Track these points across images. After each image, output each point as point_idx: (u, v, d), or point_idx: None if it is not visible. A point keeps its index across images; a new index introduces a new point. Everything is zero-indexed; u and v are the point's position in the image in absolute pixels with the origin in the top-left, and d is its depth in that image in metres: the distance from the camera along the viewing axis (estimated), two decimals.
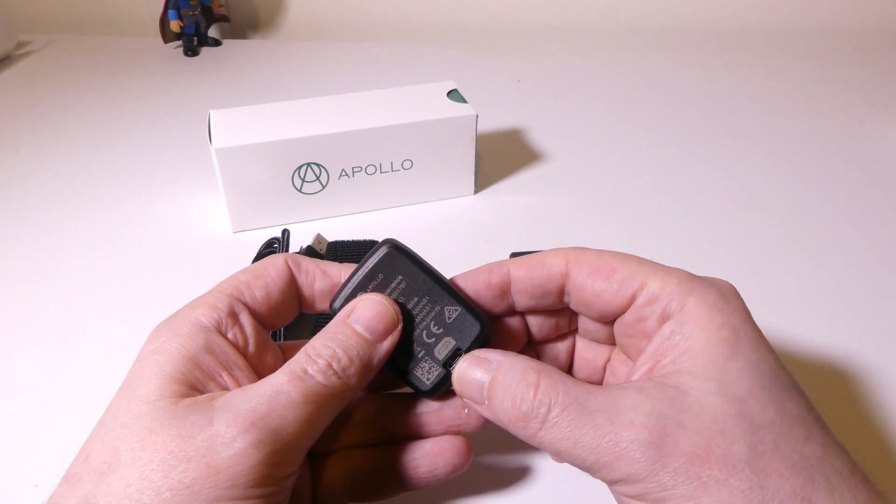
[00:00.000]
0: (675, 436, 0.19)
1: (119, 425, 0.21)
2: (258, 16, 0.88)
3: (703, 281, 0.23)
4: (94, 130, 0.62)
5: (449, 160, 0.48)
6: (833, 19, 0.80)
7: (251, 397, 0.21)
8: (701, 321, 0.21)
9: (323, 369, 0.22)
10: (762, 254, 0.45)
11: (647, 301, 0.23)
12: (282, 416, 0.21)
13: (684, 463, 0.19)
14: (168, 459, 0.19)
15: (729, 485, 0.18)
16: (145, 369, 0.22)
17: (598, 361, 0.27)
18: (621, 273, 0.23)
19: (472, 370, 0.23)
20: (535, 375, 0.21)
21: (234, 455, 0.20)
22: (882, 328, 0.39)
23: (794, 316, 0.40)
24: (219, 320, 0.23)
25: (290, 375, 0.22)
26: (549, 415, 0.20)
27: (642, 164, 0.55)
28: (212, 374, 0.22)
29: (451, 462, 0.25)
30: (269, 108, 0.47)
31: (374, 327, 0.23)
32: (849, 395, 0.35)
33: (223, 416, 0.20)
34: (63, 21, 0.91)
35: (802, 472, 0.19)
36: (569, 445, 0.20)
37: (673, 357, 0.21)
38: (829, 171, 0.54)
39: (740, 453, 0.19)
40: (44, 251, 0.46)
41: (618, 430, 0.19)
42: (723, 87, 0.68)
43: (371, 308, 0.24)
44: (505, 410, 0.22)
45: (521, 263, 0.25)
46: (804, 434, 0.19)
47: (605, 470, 0.20)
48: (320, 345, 0.23)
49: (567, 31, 0.84)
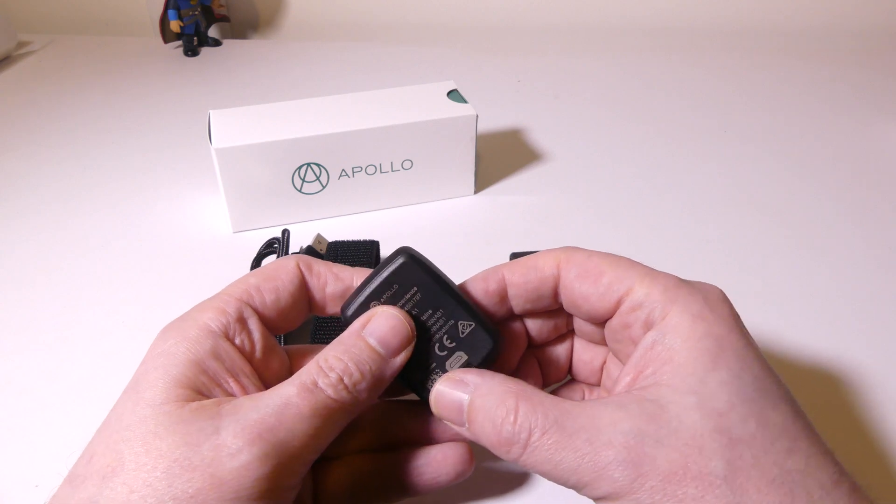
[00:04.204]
0: (652, 454, 0.19)
1: (123, 428, 0.21)
2: (258, 16, 0.88)
3: (689, 288, 0.22)
4: (94, 130, 0.62)
5: (449, 160, 0.48)
6: (833, 19, 0.80)
7: (259, 407, 0.21)
8: (683, 331, 0.21)
9: (334, 383, 0.22)
10: (762, 254, 0.45)
11: (631, 307, 0.22)
12: (289, 430, 0.21)
13: (661, 481, 0.19)
14: (173, 467, 0.19)
15: (706, 502, 0.18)
16: (151, 372, 0.22)
17: (595, 363, 0.27)
18: (609, 277, 0.23)
19: (448, 392, 0.23)
20: (514, 399, 0.21)
21: (240, 467, 0.19)
22: (882, 329, 0.39)
23: (793, 316, 0.40)
24: (227, 325, 0.23)
25: (300, 387, 0.21)
26: (529, 440, 0.20)
27: (642, 164, 0.55)
28: (218, 379, 0.22)
29: (455, 469, 0.25)
30: (269, 108, 0.47)
31: (388, 342, 0.23)
32: (847, 398, 0.35)
33: (230, 425, 0.20)
34: (63, 21, 0.91)
35: (783, 487, 0.18)
36: (550, 468, 0.20)
37: (654, 368, 0.21)
38: (829, 171, 0.54)
39: (717, 469, 0.19)
40: (44, 251, 0.46)
41: (597, 451, 0.19)
42: (723, 87, 0.68)
43: (387, 322, 0.23)
44: (486, 435, 0.21)
45: (515, 268, 0.25)
46: (787, 447, 0.19)
47: (587, 488, 0.20)
48: (333, 357, 0.22)
49: (567, 31, 0.84)
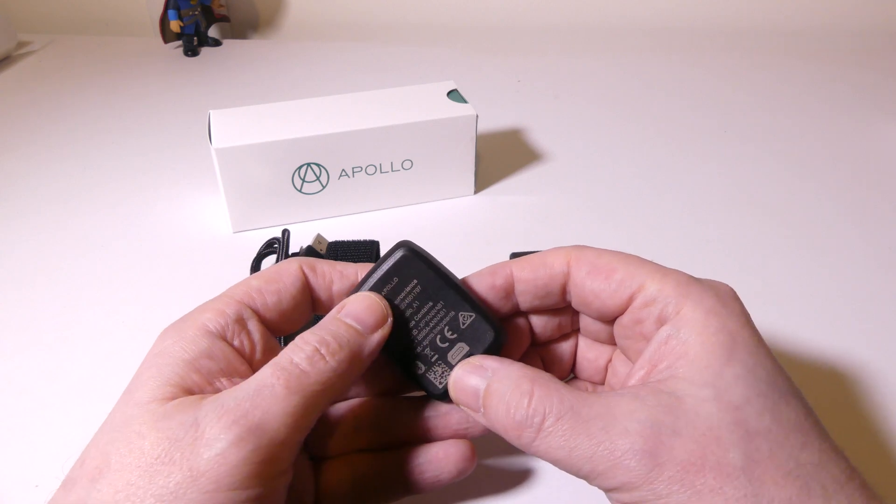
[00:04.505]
0: (669, 444, 0.19)
1: (111, 429, 0.21)
2: (258, 16, 0.88)
3: (701, 284, 0.23)
4: (94, 130, 0.62)
5: (449, 160, 0.48)
6: (833, 19, 0.80)
7: (237, 394, 0.21)
8: (697, 326, 0.21)
9: (309, 355, 0.21)
10: (762, 254, 0.45)
11: (644, 303, 0.23)
12: (265, 411, 0.20)
13: (679, 471, 0.19)
14: (154, 465, 0.19)
15: (724, 493, 0.18)
16: (144, 373, 0.22)
17: (600, 361, 0.27)
18: (621, 274, 0.23)
19: (467, 377, 0.23)
20: (529, 384, 0.21)
21: (216, 455, 0.19)
22: (882, 329, 0.39)
23: (793, 316, 0.40)
24: (225, 326, 0.23)
25: (274, 367, 0.21)
26: (543, 424, 0.20)
27: (642, 164, 0.55)
28: (210, 379, 0.22)
29: (456, 467, 0.25)
30: (269, 108, 0.47)
31: (363, 319, 0.23)
32: (849, 397, 0.35)
33: (208, 415, 0.20)
34: (63, 21, 0.91)
35: (798, 480, 0.19)
36: (564, 455, 0.20)
37: (669, 362, 0.21)
38: (829, 171, 0.54)
39: (735, 461, 0.19)
40: (44, 251, 0.46)
41: (613, 439, 0.19)
42: (723, 87, 0.68)
43: (361, 302, 0.24)
44: (500, 419, 0.22)
45: (524, 264, 0.25)
46: (801, 441, 0.19)
47: (600, 478, 0.20)
48: (308, 334, 0.22)
49: (567, 31, 0.84)
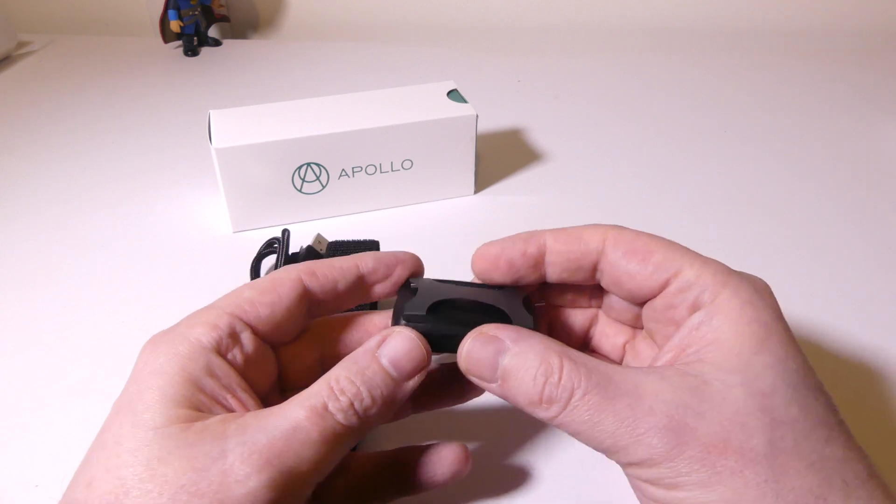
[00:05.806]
0: (694, 425, 0.19)
1: (124, 451, 0.20)
2: (258, 16, 0.88)
3: (738, 275, 0.23)
4: (94, 130, 0.62)
5: (449, 160, 0.48)
6: (833, 19, 0.80)
7: (267, 430, 0.20)
8: (732, 314, 0.21)
9: (344, 408, 0.21)
10: (762, 254, 0.45)
11: (680, 288, 0.23)
12: (297, 455, 0.20)
13: (701, 451, 0.19)
14: (179, 493, 0.19)
15: (744, 476, 0.18)
16: (146, 393, 0.21)
17: (618, 339, 0.27)
18: (658, 257, 0.23)
19: (481, 348, 0.22)
20: (558, 358, 0.21)
21: (248, 493, 0.19)
22: (882, 329, 0.39)
23: (793, 316, 0.39)
24: (219, 340, 0.22)
25: (310, 411, 0.21)
26: (571, 399, 0.20)
27: (642, 164, 0.55)
28: (216, 396, 0.22)
29: (451, 468, 0.25)
30: (269, 108, 0.47)
31: (402, 366, 0.23)
32: (849, 397, 0.35)
33: (237, 447, 0.20)
34: (63, 21, 0.91)
35: (820, 473, 0.19)
36: (587, 428, 0.20)
37: (698, 347, 0.21)
38: (829, 171, 0.54)
39: (759, 447, 0.19)
40: (44, 251, 0.46)
41: (637, 417, 0.19)
42: (723, 87, 0.68)
43: (402, 344, 0.23)
44: (524, 392, 0.21)
45: (559, 235, 0.25)
46: (826, 435, 0.19)
47: (621, 453, 0.20)
48: (345, 379, 0.22)
49: (567, 31, 0.84)
